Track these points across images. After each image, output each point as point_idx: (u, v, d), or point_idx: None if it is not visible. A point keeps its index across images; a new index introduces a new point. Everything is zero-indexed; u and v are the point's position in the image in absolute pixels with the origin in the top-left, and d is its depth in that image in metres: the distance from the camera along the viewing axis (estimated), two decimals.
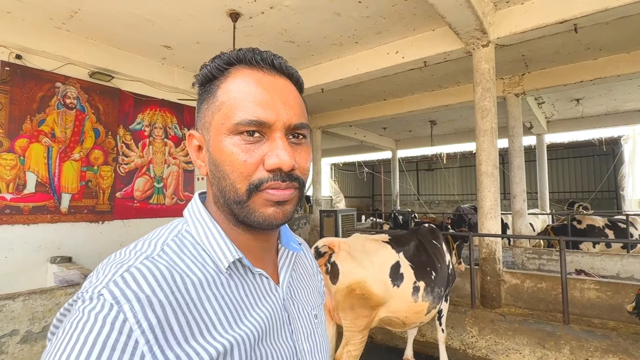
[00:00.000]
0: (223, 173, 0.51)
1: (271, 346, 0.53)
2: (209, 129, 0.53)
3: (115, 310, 0.41)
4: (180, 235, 0.53)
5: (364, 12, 4.12)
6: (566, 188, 14.43)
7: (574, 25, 3.84)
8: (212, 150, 0.52)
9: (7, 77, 4.13)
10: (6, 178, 4.10)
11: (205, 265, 0.51)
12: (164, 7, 3.95)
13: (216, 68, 0.54)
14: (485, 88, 4.18)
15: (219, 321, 0.48)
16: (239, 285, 0.53)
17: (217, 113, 0.52)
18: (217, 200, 0.55)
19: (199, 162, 0.56)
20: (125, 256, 0.48)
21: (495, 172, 4.13)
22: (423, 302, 2.54)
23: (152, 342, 0.41)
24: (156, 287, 0.44)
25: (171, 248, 0.50)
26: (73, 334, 0.40)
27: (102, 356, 0.38)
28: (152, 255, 0.48)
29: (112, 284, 0.43)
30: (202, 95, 0.56)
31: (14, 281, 4.11)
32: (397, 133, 11.92)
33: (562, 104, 8.38)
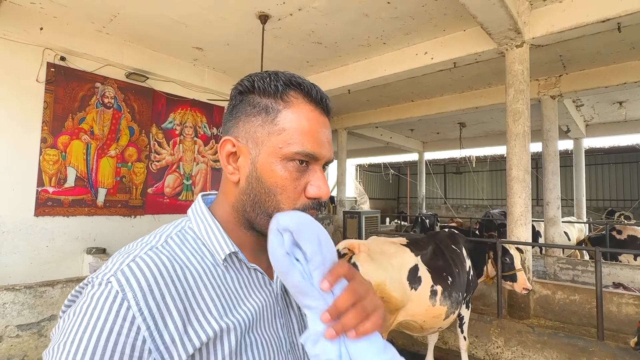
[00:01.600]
0: (269, 190, 0.57)
1: (261, 335, 0.57)
2: (259, 145, 0.57)
3: (120, 297, 0.45)
4: (183, 231, 0.58)
5: (393, 12, 4.08)
6: (605, 196, 13.65)
7: (617, 24, 3.63)
8: (261, 167, 0.57)
9: (52, 77, 4.41)
10: (49, 172, 4.38)
11: (204, 257, 0.56)
12: (197, 11, 4.08)
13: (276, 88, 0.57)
14: (518, 90, 4.03)
15: (215, 308, 0.53)
16: (235, 277, 0.58)
17: (275, 136, 0.56)
18: (241, 207, 0.59)
19: (231, 168, 0.59)
20: (133, 247, 0.54)
21: (526, 178, 3.97)
22: (441, 307, 2.50)
23: (152, 328, 0.46)
24: (158, 276, 0.49)
25: (174, 241, 0.56)
26: (82, 317, 0.45)
27: (108, 340, 0.43)
28: (156, 246, 0.53)
29: (120, 272, 0.47)
30: (252, 108, 0.58)
31: (53, 269, 4.38)
32: (425, 135, 11.69)
33: (603, 107, 7.93)
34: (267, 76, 0.59)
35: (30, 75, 4.27)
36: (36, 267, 4.27)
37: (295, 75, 0.59)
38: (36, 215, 4.27)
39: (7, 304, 3.14)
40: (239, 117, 0.59)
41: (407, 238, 2.79)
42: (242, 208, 0.59)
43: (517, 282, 3.05)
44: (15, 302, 3.19)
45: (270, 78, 0.58)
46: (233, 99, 0.62)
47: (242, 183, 0.58)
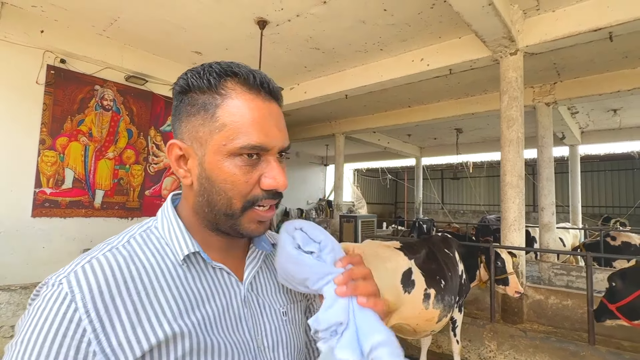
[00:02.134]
0: (219, 189, 0.54)
1: (224, 337, 0.55)
2: (203, 145, 0.55)
3: (68, 299, 0.46)
4: (148, 231, 0.58)
5: (390, 19, 4.14)
6: (601, 202, 13.73)
7: (609, 33, 3.70)
8: (208, 167, 0.55)
9: (52, 79, 4.45)
10: (47, 174, 4.40)
11: (165, 257, 0.55)
12: (196, 15, 4.14)
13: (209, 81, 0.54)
14: (512, 97, 4.09)
15: (170, 309, 0.51)
16: (197, 277, 0.56)
17: (217, 133, 0.54)
18: (201, 209, 0.58)
19: (182, 171, 0.58)
20: (95, 248, 0.54)
21: (520, 183, 4.02)
22: (434, 310, 2.53)
23: (99, 330, 0.46)
24: (110, 277, 0.49)
25: (136, 241, 0.56)
26: (32, 318, 0.46)
27: (53, 341, 0.44)
28: (117, 246, 0.53)
29: (73, 274, 0.48)
30: (191, 107, 0.55)
31: (50, 270, 4.31)
32: (422, 140, 11.76)
33: (598, 114, 8.02)
34: (201, 70, 0.56)
35: (30, 77, 4.30)
36: (32, 268, 4.28)
37: (232, 64, 0.56)
38: (33, 216, 4.29)
39: (2, 304, 3.16)
40: (181, 118, 0.57)
41: (401, 242, 2.83)
42: (200, 210, 0.58)
43: (509, 285, 3.09)
44: (10, 302, 3.20)
45: (203, 71, 0.55)
46: (174, 99, 0.59)
47: (195, 185, 0.57)
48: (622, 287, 2.28)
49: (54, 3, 3.98)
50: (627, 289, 2.24)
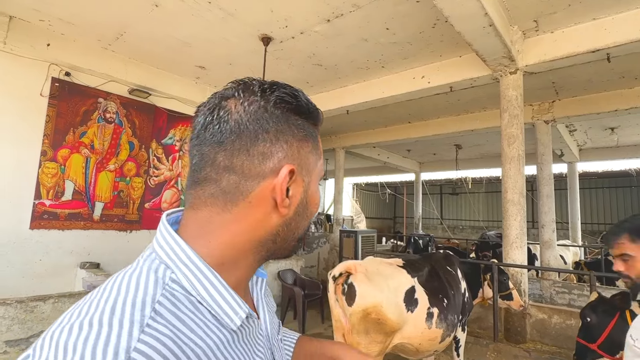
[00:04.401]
0: (309, 214, 0.55)
1: None
2: (310, 172, 0.53)
3: None
4: (168, 288, 0.43)
5: (392, 38, 4.22)
6: (600, 219, 13.74)
7: (606, 54, 3.78)
8: (310, 192, 0.54)
9: (56, 92, 4.48)
10: (47, 185, 4.38)
11: (206, 323, 0.44)
12: (201, 31, 4.21)
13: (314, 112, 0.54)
14: (512, 115, 4.14)
15: None
16: (240, 336, 0.48)
17: (319, 162, 0.56)
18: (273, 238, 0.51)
19: (287, 200, 0.50)
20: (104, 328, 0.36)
21: (522, 201, 4.03)
22: (437, 329, 2.49)
23: None
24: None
25: (165, 307, 0.41)
26: None
27: None
28: (147, 322, 0.38)
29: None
30: (299, 131, 0.51)
31: (46, 283, 4.31)
32: (422, 155, 11.82)
33: (596, 132, 8.10)
34: (302, 93, 0.53)
35: (35, 89, 4.33)
36: (28, 280, 4.21)
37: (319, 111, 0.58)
38: (31, 228, 4.25)
39: None
40: (288, 140, 0.50)
41: (403, 259, 2.80)
42: (273, 240, 0.51)
43: (513, 300, 3.08)
44: (5, 316, 3.13)
45: (306, 97, 0.53)
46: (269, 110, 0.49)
47: (289, 214, 0.51)
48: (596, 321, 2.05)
49: (61, 17, 4.04)
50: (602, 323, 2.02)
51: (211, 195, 0.48)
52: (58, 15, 3.99)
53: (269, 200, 0.49)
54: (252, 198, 0.48)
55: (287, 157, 0.50)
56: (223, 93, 0.50)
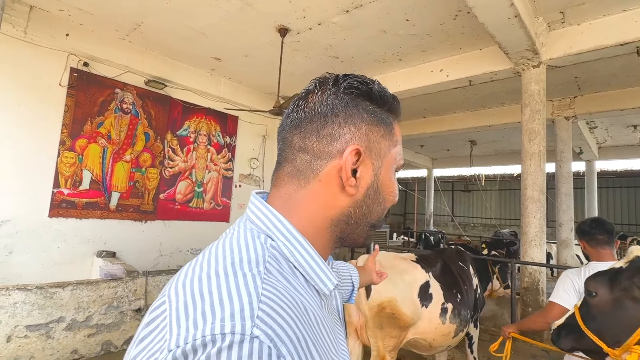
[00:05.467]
0: (382, 199, 0.56)
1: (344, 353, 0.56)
2: (381, 157, 0.55)
3: (275, 354, 0.36)
4: (272, 252, 0.48)
5: (411, 30, 4.14)
6: (617, 219, 13.41)
7: (636, 48, 3.64)
8: (382, 177, 0.55)
9: (74, 82, 4.52)
10: (65, 174, 4.44)
11: (303, 286, 0.48)
12: (218, 22, 4.18)
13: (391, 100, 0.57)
14: (534, 110, 4.03)
15: (331, 344, 0.49)
16: (327, 304, 0.54)
17: (393, 148, 0.57)
18: (345, 219, 0.54)
19: (353, 179, 0.52)
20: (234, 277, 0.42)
21: (541, 198, 3.93)
22: (451, 324, 2.46)
23: None
24: (295, 318, 0.41)
25: (273, 266, 0.46)
26: None
27: None
28: (263, 276, 0.43)
29: (259, 321, 0.37)
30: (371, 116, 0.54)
31: (64, 271, 4.39)
32: (434, 151, 11.68)
33: (617, 130, 7.88)
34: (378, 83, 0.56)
35: (54, 79, 4.38)
36: (47, 268, 4.30)
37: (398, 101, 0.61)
38: (50, 217, 4.32)
39: (17, 304, 3.15)
40: (357, 123, 0.53)
41: (416, 254, 2.78)
42: (345, 221, 0.54)
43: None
44: (25, 302, 3.19)
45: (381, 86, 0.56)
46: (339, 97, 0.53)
47: (358, 195, 0.53)
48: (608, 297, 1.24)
49: (80, 7, 4.06)
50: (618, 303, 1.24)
51: (288, 174, 0.54)
52: (77, 5, 4.01)
53: (337, 179, 0.52)
54: (322, 176, 0.52)
55: (354, 138, 0.52)
56: (307, 88, 0.56)
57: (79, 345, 3.47)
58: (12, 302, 3.12)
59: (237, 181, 6.41)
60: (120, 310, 3.75)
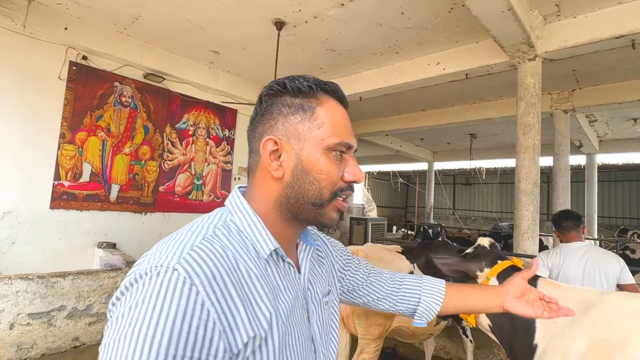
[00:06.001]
0: (313, 179, 0.62)
1: (298, 325, 0.62)
2: (301, 140, 0.62)
3: (188, 283, 0.48)
4: (226, 223, 0.61)
5: (406, 23, 4.14)
6: (618, 213, 13.39)
7: (631, 40, 3.62)
8: (305, 159, 0.62)
9: (73, 75, 4.57)
10: (66, 167, 4.52)
11: (248, 250, 0.59)
12: (215, 15, 4.20)
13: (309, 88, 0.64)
14: (529, 103, 4.03)
15: (265, 295, 0.57)
16: (275, 270, 0.62)
17: (316, 130, 0.62)
18: (285, 200, 0.63)
19: (275, 165, 0.63)
20: (183, 236, 0.56)
21: (535, 191, 3.96)
22: None
23: (220, 311, 0.49)
24: (217, 264, 0.52)
25: (221, 232, 0.59)
26: (155, 303, 0.46)
27: (184, 321, 0.45)
28: (207, 236, 0.56)
29: (183, 260, 0.50)
30: (287, 108, 0.63)
31: (65, 261, 4.49)
32: (435, 145, 11.67)
33: (617, 123, 7.84)
34: (296, 79, 0.65)
35: (53, 72, 4.43)
36: (49, 258, 4.40)
37: (329, 83, 0.67)
38: (51, 208, 4.40)
39: (20, 292, 3.25)
40: (274, 117, 0.63)
41: (402, 246, 2.85)
42: (285, 201, 0.63)
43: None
44: (27, 290, 3.29)
45: (301, 79, 0.64)
46: (263, 102, 0.65)
47: (286, 177, 0.62)
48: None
49: (78, 1, 4.09)
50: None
51: (249, 171, 0.69)
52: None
53: (267, 168, 0.63)
54: (260, 168, 0.65)
55: (270, 130, 0.64)
56: None
57: (80, 332, 3.58)
58: (14, 290, 3.22)
59: (236, 174, 6.47)
60: None
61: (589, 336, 1.18)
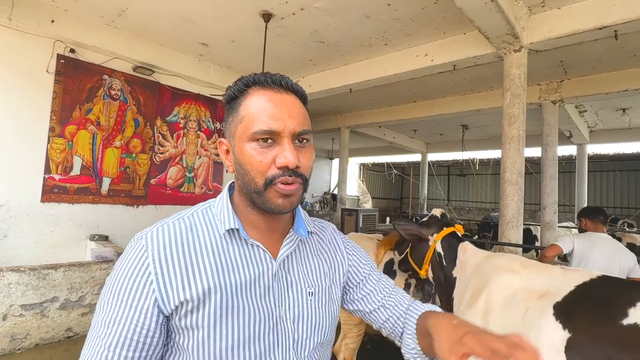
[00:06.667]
0: (245, 170, 0.67)
1: (251, 302, 0.67)
2: (233, 137, 0.69)
3: (143, 249, 0.64)
4: (208, 208, 0.75)
5: (393, 14, 4.15)
6: (609, 203, 13.54)
7: (614, 31, 3.66)
8: (237, 153, 0.69)
9: (61, 69, 4.56)
10: (56, 160, 4.53)
11: (214, 230, 0.71)
12: (202, 7, 4.19)
13: (237, 90, 0.70)
14: (514, 94, 4.08)
15: (210, 270, 0.66)
16: (235, 249, 0.70)
17: (239, 125, 0.68)
18: (241, 190, 0.72)
19: (227, 162, 0.74)
20: (173, 216, 0.73)
21: (519, 181, 4.03)
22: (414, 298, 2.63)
23: (159, 274, 0.63)
24: (172, 238, 0.67)
25: (198, 215, 0.73)
26: (122, 260, 0.66)
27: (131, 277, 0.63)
28: (183, 217, 0.71)
29: (150, 233, 0.67)
30: (228, 111, 0.72)
31: (58, 254, 4.54)
32: (428, 136, 11.72)
33: (607, 113, 7.91)
34: (235, 82, 0.71)
35: (41, 66, 4.42)
36: (41, 251, 4.44)
37: (260, 74, 0.69)
38: (42, 202, 4.43)
39: (12, 284, 3.30)
40: (227, 120, 0.73)
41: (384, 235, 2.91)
42: (241, 191, 0.73)
43: None
44: (19, 282, 3.34)
45: (234, 84, 0.71)
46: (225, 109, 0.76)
47: (236, 171, 0.72)
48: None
49: None
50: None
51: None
52: None
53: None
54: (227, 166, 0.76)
55: (224, 134, 0.75)
56: None
57: (73, 323, 3.64)
58: (6, 282, 3.27)
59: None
60: None
61: (473, 286, 1.60)
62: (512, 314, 1.33)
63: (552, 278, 1.37)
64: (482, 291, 1.47)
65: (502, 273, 1.47)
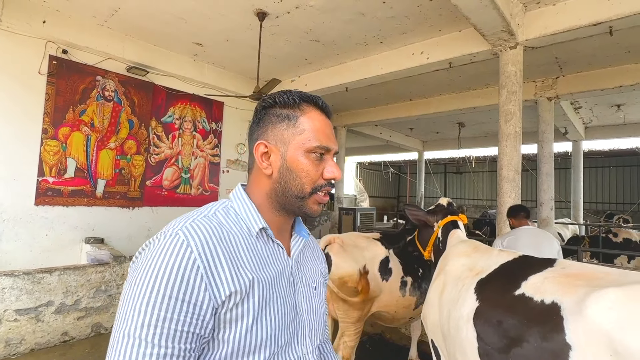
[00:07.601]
0: (296, 176, 0.75)
1: (281, 294, 0.74)
2: (286, 144, 0.76)
3: (185, 244, 0.63)
4: (227, 208, 0.77)
5: (389, 12, 4.13)
6: (605, 199, 13.64)
7: (609, 27, 3.67)
8: (289, 160, 0.75)
9: (54, 70, 4.50)
10: (50, 163, 4.48)
11: (242, 228, 0.74)
12: (196, 6, 4.16)
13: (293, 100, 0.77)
14: (510, 91, 4.08)
15: (249, 263, 0.70)
16: (263, 247, 0.75)
17: (298, 135, 0.75)
18: (274, 193, 0.77)
19: (265, 164, 0.77)
20: (190, 215, 0.72)
21: (516, 178, 4.03)
22: (410, 297, 2.64)
23: (207, 268, 0.63)
24: (210, 234, 0.67)
25: (221, 214, 0.74)
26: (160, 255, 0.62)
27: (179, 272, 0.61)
28: (207, 215, 0.72)
29: (184, 228, 0.65)
30: (276, 117, 0.77)
31: (52, 257, 4.49)
32: (424, 134, 11.73)
33: (602, 110, 7.95)
34: (284, 93, 0.78)
35: (33, 67, 4.36)
36: (36, 254, 4.39)
37: (304, 92, 0.80)
38: (36, 205, 4.38)
39: (5, 289, 3.25)
40: (266, 125, 0.78)
41: (381, 233, 2.91)
42: (274, 194, 0.77)
43: None
44: (14, 287, 3.29)
45: (287, 94, 0.78)
46: (258, 113, 0.80)
47: (274, 175, 0.76)
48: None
49: None
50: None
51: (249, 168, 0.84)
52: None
53: (260, 167, 0.78)
54: (255, 167, 0.80)
55: (263, 136, 0.78)
56: None
57: (69, 327, 3.60)
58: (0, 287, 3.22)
59: (225, 167, 6.47)
60: (109, 294, 3.87)
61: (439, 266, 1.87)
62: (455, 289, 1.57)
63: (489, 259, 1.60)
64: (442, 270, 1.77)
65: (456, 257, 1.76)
